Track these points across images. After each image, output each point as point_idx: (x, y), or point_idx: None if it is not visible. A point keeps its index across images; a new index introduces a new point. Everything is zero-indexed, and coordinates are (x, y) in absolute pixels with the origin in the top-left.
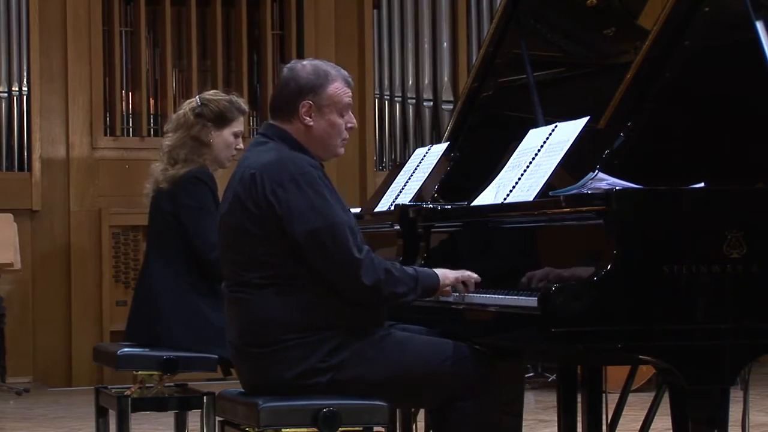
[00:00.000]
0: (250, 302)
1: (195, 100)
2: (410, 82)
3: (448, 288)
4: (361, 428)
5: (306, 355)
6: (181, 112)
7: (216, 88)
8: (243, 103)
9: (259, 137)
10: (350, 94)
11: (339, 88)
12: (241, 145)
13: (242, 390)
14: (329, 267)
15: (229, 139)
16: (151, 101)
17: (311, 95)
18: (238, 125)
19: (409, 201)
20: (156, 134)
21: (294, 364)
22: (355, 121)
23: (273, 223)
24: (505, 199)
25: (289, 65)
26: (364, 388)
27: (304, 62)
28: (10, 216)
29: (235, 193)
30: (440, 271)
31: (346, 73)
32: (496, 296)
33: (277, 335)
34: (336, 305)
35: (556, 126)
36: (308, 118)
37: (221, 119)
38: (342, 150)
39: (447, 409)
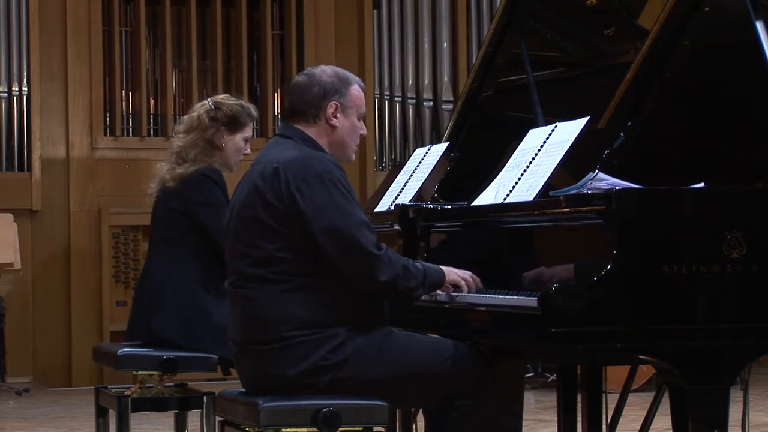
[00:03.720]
0: (255, 299)
1: (208, 103)
2: (410, 82)
3: (450, 284)
4: (361, 428)
5: (309, 352)
6: (194, 114)
7: (216, 88)
8: (253, 108)
9: (278, 137)
10: (363, 100)
11: (358, 91)
12: (249, 151)
13: (242, 390)
14: (348, 263)
15: (240, 144)
16: (151, 101)
17: (337, 96)
18: (249, 131)
19: (409, 201)
20: (156, 134)
21: (297, 362)
22: (366, 129)
23: (294, 217)
24: (505, 199)
25: (305, 72)
26: (365, 386)
27: (322, 67)
28: (10, 216)
29: (255, 187)
30: (445, 268)
31: (359, 79)
32: (496, 296)
33: (282, 332)
34: (341, 303)
35: (556, 126)
36: (335, 119)
37: (234, 124)
38: (354, 156)
39: (447, 408)
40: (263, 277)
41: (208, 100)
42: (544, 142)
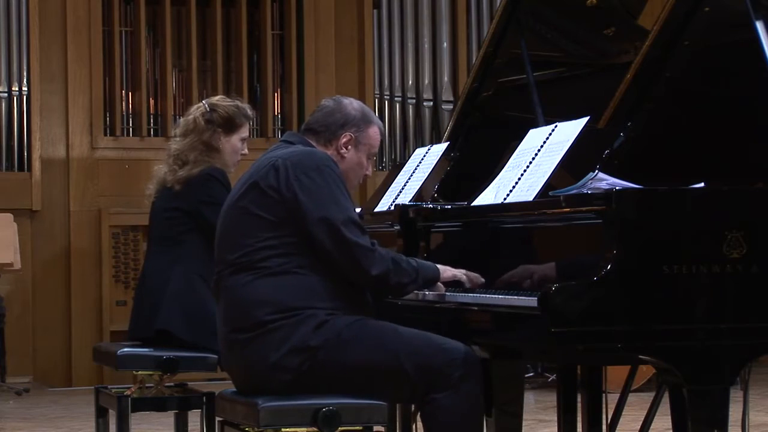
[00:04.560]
0: (235, 286)
1: (203, 105)
2: (410, 82)
3: (445, 281)
4: (360, 427)
5: (289, 334)
6: (190, 117)
7: (216, 88)
8: (248, 108)
9: (281, 143)
10: (379, 144)
11: (376, 133)
12: (246, 151)
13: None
14: (342, 255)
15: (236, 144)
16: (151, 101)
17: (354, 129)
18: (245, 131)
19: (409, 201)
20: (156, 134)
21: (278, 346)
22: (371, 171)
23: (289, 206)
24: (505, 199)
25: (334, 98)
26: (347, 370)
27: (351, 99)
28: (10, 216)
29: (252, 180)
30: (440, 266)
31: (381, 123)
32: (496, 296)
33: (260, 316)
34: (322, 288)
35: (556, 126)
36: (345, 149)
37: (230, 125)
38: (351, 192)
39: (423, 404)
40: (246, 265)
41: (204, 101)
42: (544, 142)
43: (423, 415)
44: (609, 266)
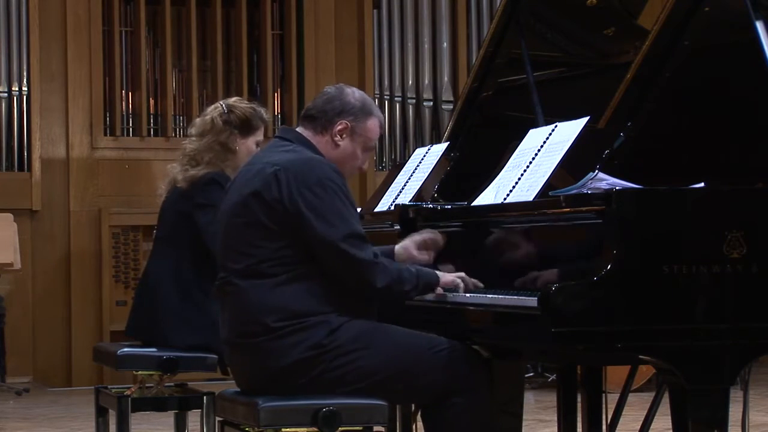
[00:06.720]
0: (244, 293)
1: (220, 106)
2: (410, 82)
3: (444, 286)
4: (361, 428)
5: (301, 340)
6: (207, 117)
7: (216, 88)
8: (265, 112)
9: (278, 140)
10: (378, 138)
11: (375, 126)
12: None
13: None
14: (347, 270)
15: (252, 147)
16: (151, 101)
17: (351, 118)
18: (261, 134)
19: (409, 201)
20: (156, 134)
21: (288, 351)
22: (367, 165)
23: (293, 219)
24: (505, 199)
25: (338, 85)
26: (359, 376)
27: (354, 89)
28: (10, 216)
29: (252, 187)
30: (439, 272)
31: (382, 116)
32: (496, 296)
33: (270, 322)
34: (330, 293)
35: (556, 126)
36: (339, 137)
37: (246, 127)
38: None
39: (441, 407)
40: (255, 273)
41: (221, 102)
42: (544, 142)
43: (439, 418)
44: (609, 266)
